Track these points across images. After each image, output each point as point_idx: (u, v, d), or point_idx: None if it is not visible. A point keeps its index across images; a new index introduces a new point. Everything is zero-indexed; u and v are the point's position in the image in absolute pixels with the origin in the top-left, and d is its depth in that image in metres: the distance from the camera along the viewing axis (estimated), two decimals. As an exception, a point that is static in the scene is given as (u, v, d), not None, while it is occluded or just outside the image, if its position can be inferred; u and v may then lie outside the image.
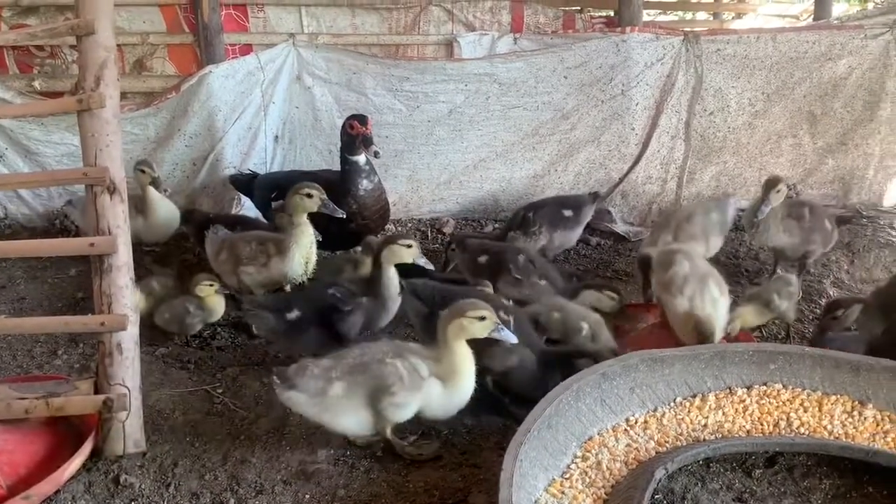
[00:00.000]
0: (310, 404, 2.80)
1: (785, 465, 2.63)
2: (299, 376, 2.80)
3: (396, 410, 2.77)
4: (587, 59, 5.15)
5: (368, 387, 2.77)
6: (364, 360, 2.83)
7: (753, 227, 4.10)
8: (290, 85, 5.25)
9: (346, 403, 2.78)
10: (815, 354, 2.87)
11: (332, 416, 2.80)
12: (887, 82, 5.28)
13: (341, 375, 2.79)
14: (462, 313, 2.76)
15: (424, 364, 2.81)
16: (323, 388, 2.77)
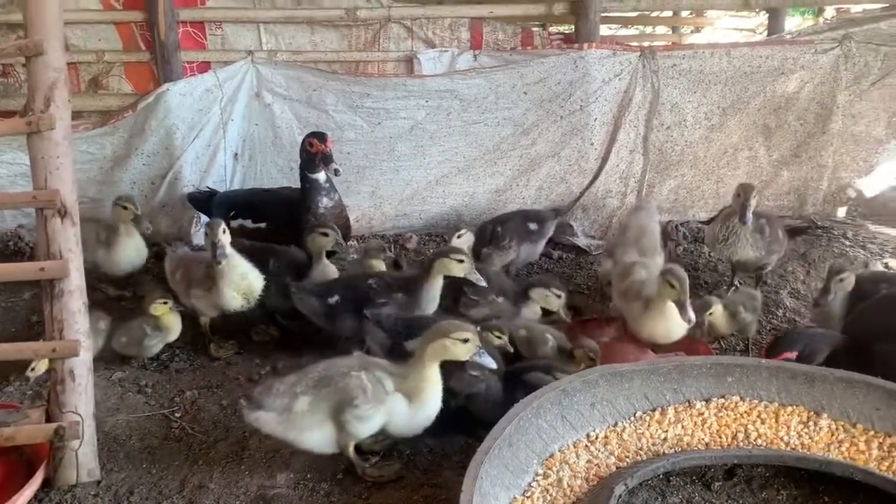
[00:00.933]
0: (277, 423, 2.77)
1: (743, 476, 2.66)
2: (265, 396, 2.78)
3: (360, 424, 2.75)
4: (546, 75, 5.19)
5: (332, 400, 2.75)
6: (329, 374, 2.81)
7: (720, 240, 4.14)
8: (249, 102, 5.22)
9: (310, 418, 2.75)
10: (772, 366, 2.91)
11: (297, 433, 2.78)
12: (838, 96, 5.41)
13: (306, 390, 2.77)
14: (446, 334, 2.77)
15: (390, 379, 2.80)
16: (288, 404, 2.75)
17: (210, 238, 3.62)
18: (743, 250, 4.13)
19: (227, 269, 3.65)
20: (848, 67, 5.36)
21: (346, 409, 2.72)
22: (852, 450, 2.66)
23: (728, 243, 4.13)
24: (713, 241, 4.20)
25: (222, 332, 4.12)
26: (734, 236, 4.11)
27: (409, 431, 2.85)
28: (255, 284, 3.78)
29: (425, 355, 2.79)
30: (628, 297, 3.61)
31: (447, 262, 3.49)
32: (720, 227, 4.17)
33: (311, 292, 3.66)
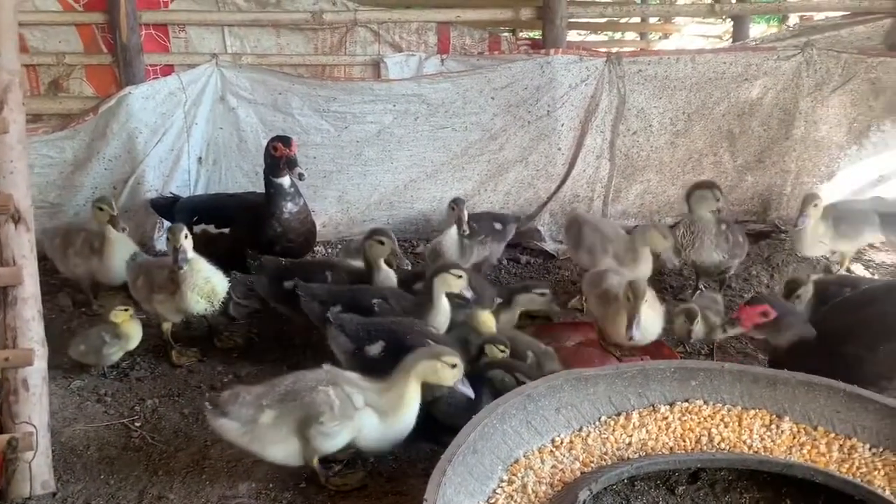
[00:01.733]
0: (240, 433, 2.72)
1: (707, 480, 2.67)
2: (231, 404, 2.73)
3: (325, 440, 2.71)
4: (513, 80, 5.20)
5: (298, 415, 2.70)
6: (296, 388, 2.76)
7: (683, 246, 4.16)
8: (213, 106, 5.16)
9: (275, 432, 2.71)
10: (735, 370, 2.93)
11: (261, 446, 2.73)
12: (800, 102, 5.48)
13: (272, 403, 2.73)
14: (438, 356, 2.78)
15: (361, 394, 2.76)
16: (253, 416, 2.71)
17: (171, 243, 3.58)
18: (711, 254, 4.16)
19: (190, 272, 3.61)
20: (810, 74, 5.43)
21: (311, 424, 2.69)
22: (813, 452, 2.68)
23: (694, 248, 4.16)
24: (679, 246, 4.23)
25: (185, 338, 4.07)
26: (698, 241, 4.14)
27: (380, 446, 2.83)
28: (219, 288, 3.74)
29: (412, 374, 2.77)
30: (602, 303, 3.61)
31: (447, 277, 3.42)
32: (683, 231, 4.20)
33: (317, 297, 3.56)
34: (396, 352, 2.94)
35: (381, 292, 3.56)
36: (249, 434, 2.71)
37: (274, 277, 3.84)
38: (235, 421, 2.71)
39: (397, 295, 3.59)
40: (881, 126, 5.58)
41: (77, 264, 4.26)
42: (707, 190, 4.17)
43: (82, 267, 4.24)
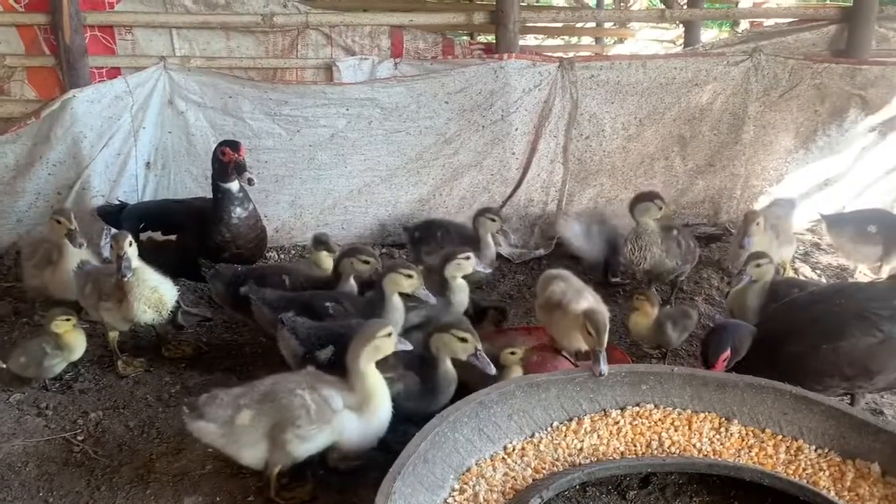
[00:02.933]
0: (217, 434, 2.67)
1: (658, 485, 2.68)
2: (208, 405, 2.67)
3: (301, 444, 2.67)
4: (467, 84, 5.19)
5: (274, 417, 2.66)
6: (275, 390, 2.71)
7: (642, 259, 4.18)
8: (161, 109, 5.04)
9: (252, 433, 2.65)
10: (684, 374, 2.94)
11: (238, 448, 2.68)
12: (749, 106, 5.57)
13: (250, 404, 2.68)
14: (373, 335, 2.77)
15: (339, 396, 2.72)
16: (231, 416, 2.65)
17: (115, 251, 3.50)
18: (660, 262, 4.18)
19: (136, 281, 3.53)
20: (758, 79, 5.52)
21: (287, 428, 2.64)
22: (761, 454, 2.70)
23: (645, 263, 4.17)
24: (629, 259, 4.23)
25: (132, 348, 3.97)
26: (648, 253, 4.15)
27: (366, 445, 2.79)
28: (167, 297, 3.66)
29: (360, 362, 2.74)
30: (546, 311, 3.59)
31: (395, 276, 3.37)
32: (630, 247, 4.18)
33: (269, 303, 3.48)
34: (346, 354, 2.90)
35: (335, 296, 3.51)
36: (226, 435, 2.66)
37: (230, 283, 3.76)
38: (212, 422, 2.66)
39: (351, 298, 3.54)
40: (827, 130, 5.71)
41: (33, 275, 4.11)
42: (648, 201, 4.15)
43: (38, 279, 4.09)
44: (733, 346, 3.08)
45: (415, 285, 3.38)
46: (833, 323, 3.01)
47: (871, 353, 2.97)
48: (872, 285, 3.24)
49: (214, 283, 3.82)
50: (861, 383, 3.05)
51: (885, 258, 4.54)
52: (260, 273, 3.83)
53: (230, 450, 2.69)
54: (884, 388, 3.19)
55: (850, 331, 2.98)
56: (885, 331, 2.96)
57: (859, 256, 4.73)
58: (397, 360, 2.93)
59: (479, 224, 4.47)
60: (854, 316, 3.00)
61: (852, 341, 2.97)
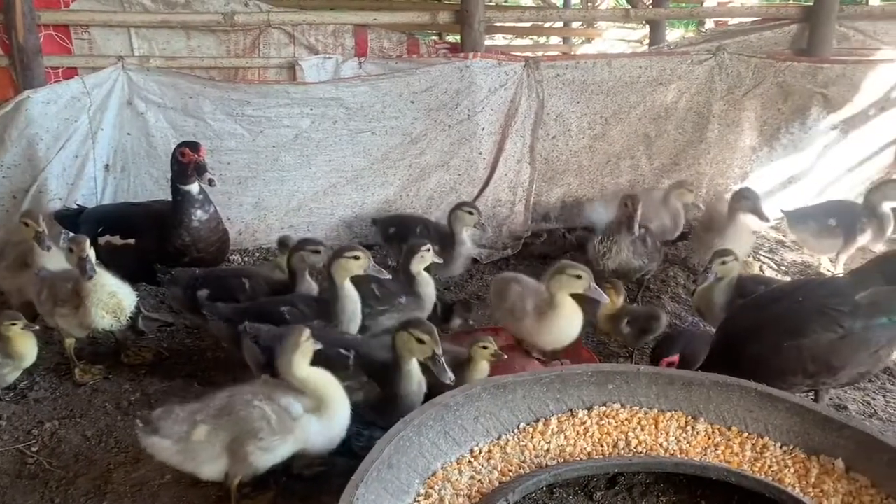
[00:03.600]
0: (173, 451, 2.58)
1: (625, 485, 2.66)
2: (163, 420, 2.57)
3: (264, 455, 2.60)
4: (433, 84, 5.15)
5: (233, 431, 2.58)
6: (231, 403, 2.63)
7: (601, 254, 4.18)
8: (120, 110, 4.93)
9: (209, 449, 2.57)
10: (650, 373, 2.92)
11: (196, 464, 2.59)
12: (713, 105, 5.61)
13: (206, 419, 2.59)
14: (296, 341, 2.68)
15: (297, 402, 2.66)
16: (186, 432, 2.56)
17: (76, 254, 3.39)
18: (629, 260, 4.18)
19: (95, 286, 3.44)
20: (722, 78, 5.56)
21: (248, 441, 2.57)
22: (727, 452, 2.69)
23: (612, 254, 4.17)
24: (595, 255, 4.24)
25: (90, 355, 3.88)
26: (616, 247, 4.16)
27: (331, 445, 2.73)
28: (126, 302, 3.57)
29: (295, 371, 2.67)
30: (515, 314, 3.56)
31: (343, 262, 3.31)
32: (601, 238, 4.21)
33: (222, 314, 3.42)
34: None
35: (291, 300, 3.45)
36: (182, 452, 2.57)
37: (188, 287, 3.68)
38: (167, 438, 2.57)
39: (306, 299, 3.48)
40: (790, 128, 5.77)
41: (4, 277, 3.99)
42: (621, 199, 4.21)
43: (9, 281, 3.96)
44: (684, 353, 3.07)
45: (364, 265, 3.32)
46: (794, 320, 3.02)
47: (833, 350, 2.98)
48: (832, 281, 3.27)
49: (172, 289, 3.74)
50: (824, 380, 3.07)
51: (843, 249, 4.60)
52: (218, 276, 3.75)
53: (188, 466, 2.61)
54: (847, 384, 3.21)
55: (812, 328, 2.99)
56: (845, 326, 2.97)
57: (822, 249, 4.79)
58: (358, 369, 2.86)
59: (455, 219, 4.35)
60: (815, 313, 3.01)
61: (814, 338, 2.98)
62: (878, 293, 3.05)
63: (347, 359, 2.86)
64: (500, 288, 3.65)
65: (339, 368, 2.82)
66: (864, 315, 2.99)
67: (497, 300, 3.67)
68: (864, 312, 2.99)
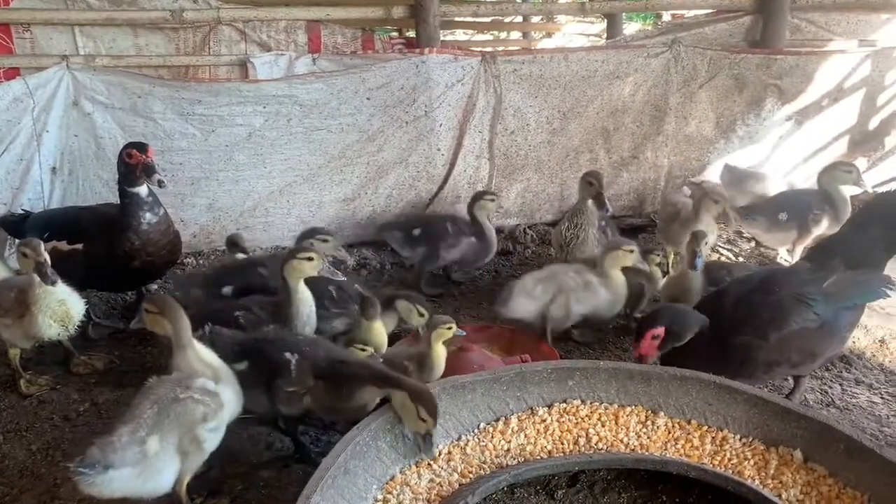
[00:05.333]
0: (134, 477, 2.38)
1: (586, 482, 2.63)
2: (111, 452, 2.36)
3: (215, 435, 2.55)
4: (388, 80, 5.08)
5: (179, 429, 2.47)
6: (161, 407, 2.50)
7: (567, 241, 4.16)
8: (66, 111, 4.77)
9: (165, 455, 2.45)
10: (609, 367, 2.90)
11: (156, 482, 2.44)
12: (670, 98, 5.62)
13: (151, 430, 2.44)
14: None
15: (207, 378, 2.62)
16: (140, 451, 2.39)
17: (32, 258, 3.24)
18: (589, 249, 4.16)
19: (42, 294, 3.30)
20: (678, 70, 5.58)
21: (197, 429, 2.49)
22: (687, 446, 2.68)
23: (578, 242, 4.14)
24: (560, 243, 4.22)
25: (36, 365, 3.74)
26: (583, 233, 4.13)
27: (241, 406, 2.71)
28: (74, 310, 3.43)
29: (180, 338, 2.65)
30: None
31: (295, 263, 3.23)
32: (567, 225, 4.18)
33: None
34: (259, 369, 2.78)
35: (245, 304, 3.36)
36: (143, 474, 2.40)
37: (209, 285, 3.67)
38: (125, 466, 2.36)
39: (262, 303, 3.39)
40: (746, 120, 5.81)
41: None
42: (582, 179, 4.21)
43: None
44: (670, 327, 3.03)
45: (317, 266, 3.24)
46: (775, 312, 3.03)
47: (813, 338, 3.02)
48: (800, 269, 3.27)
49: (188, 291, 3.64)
50: (805, 367, 3.13)
51: (798, 240, 4.63)
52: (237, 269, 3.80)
53: (148, 487, 2.43)
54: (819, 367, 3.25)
55: (793, 318, 3.01)
56: (820, 314, 3.01)
57: (776, 243, 4.83)
58: (304, 371, 2.78)
59: (478, 208, 4.52)
60: (794, 303, 3.03)
61: (796, 328, 3.00)
62: (842, 279, 3.09)
63: (289, 363, 2.77)
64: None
65: (282, 373, 2.75)
66: (834, 301, 3.04)
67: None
68: (833, 299, 3.04)
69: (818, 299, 3.02)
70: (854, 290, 3.08)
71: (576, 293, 3.73)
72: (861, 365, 3.70)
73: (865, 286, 3.10)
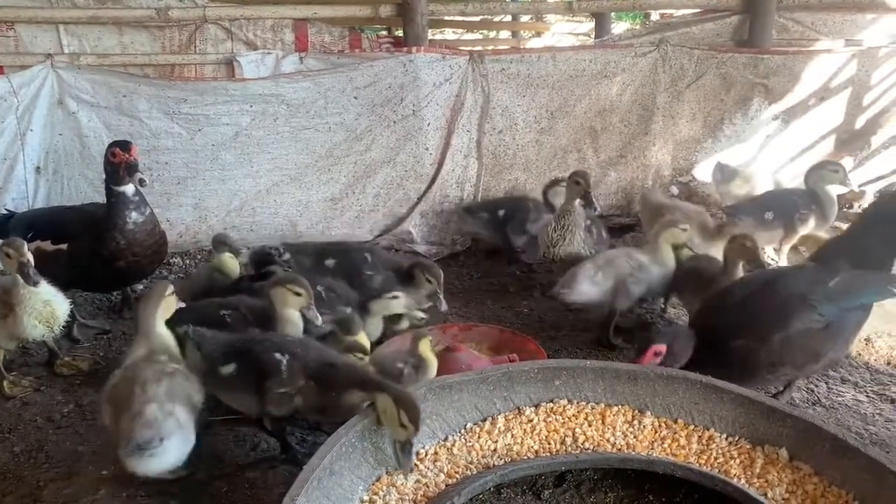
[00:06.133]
0: (181, 443, 2.60)
1: (573, 482, 2.62)
2: (159, 427, 2.55)
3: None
4: (376, 79, 5.06)
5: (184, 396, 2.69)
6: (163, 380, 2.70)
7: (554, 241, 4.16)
8: (50, 110, 4.74)
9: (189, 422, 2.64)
10: (596, 367, 2.90)
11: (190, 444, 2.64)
12: (657, 97, 5.63)
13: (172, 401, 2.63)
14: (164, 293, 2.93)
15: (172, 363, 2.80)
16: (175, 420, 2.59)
17: (15, 259, 3.23)
18: (576, 248, 4.16)
19: (26, 294, 3.28)
20: (665, 70, 5.59)
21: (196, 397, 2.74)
22: (674, 445, 2.68)
23: (564, 244, 4.14)
24: (546, 244, 4.21)
25: (20, 366, 3.71)
26: (570, 234, 4.13)
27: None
28: (59, 311, 3.41)
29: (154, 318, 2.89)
30: None
31: (283, 291, 3.18)
32: (554, 226, 4.18)
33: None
34: (247, 371, 2.75)
35: (232, 303, 3.33)
36: (185, 438, 2.62)
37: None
38: (174, 435, 2.57)
39: (250, 304, 3.36)
40: (733, 119, 5.83)
41: None
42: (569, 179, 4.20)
43: None
44: (672, 347, 3.03)
45: (302, 304, 3.18)
46: (779, 312, 3.02)
47: (818, 339, 3.01)
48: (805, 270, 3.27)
49: (299, 260, 3.88)
50: (809, 368, 3.12)
51: (785, 239, 4.65)
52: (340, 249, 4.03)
53: (187, 449, 2.63)
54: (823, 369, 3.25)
55: (797, 318, 3.00)
56: (824, 315, 2.99)
57: (762, 241, 4.83)
58: (295, 371, 2.76)
59: (554, 194, 4.80)
60: (798, 303, 3.02)
61: (799, 328, 2.99)
62: (849, 279, 3.08)
63: (280, 364, 2.75)
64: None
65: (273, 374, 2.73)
66: (839, 301, 3.02)
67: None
68: (838, 299, 3.02)
69: (823, 299, 3.01)
70: (860, 290, 3.06)
71: (632, 276, 3.86)
72: (847, 363, 3.71)
73: (872, 285, 3.09)
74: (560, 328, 4.14)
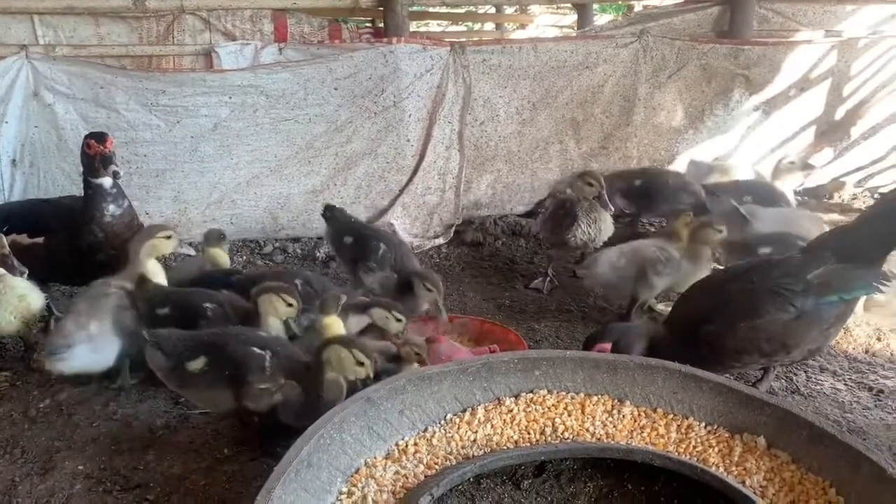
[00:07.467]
0: (88, 352, 3.07)
1: (552, 472, 2.62)
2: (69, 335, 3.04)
3: None
4: (356, 70, 5.03)
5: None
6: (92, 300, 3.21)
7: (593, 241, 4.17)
8: (25, 102, 4.68)
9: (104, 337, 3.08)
10: (576, 357, 2.90)
11: (104, 354, 3.11)
12: (639, 88, 5.64)
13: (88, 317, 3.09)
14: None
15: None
16: (87, 333, 3.07)
17: None
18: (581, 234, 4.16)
19: (2, 289, 3.26)
20: (647, 61, 5.59)
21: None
22: (653, 435, 2.68)
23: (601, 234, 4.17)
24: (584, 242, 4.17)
25: (-4, 362, 3.67)
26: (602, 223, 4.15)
27: None
28: (35, 305, 3.39)
29: (139, 253, 3.33)
30: None
31: (274, 300, 3.15)
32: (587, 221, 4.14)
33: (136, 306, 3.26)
34: (221, 364, 2.73)
35: (216, 297, 3.30)
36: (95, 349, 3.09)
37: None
38: (82, 344, 3.06)
39: (234, 304, 3.33)
40: (714, 110, 5.85)
41: None
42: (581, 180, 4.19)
43: None
44: (618, 344, 3.07)
45: (290, 314, 3.17)
46: (748, 301, 3.03)
47: (787, 329, 3.01)
48: (785, 261, 3.28)
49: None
50: (778, 357, 3.12)
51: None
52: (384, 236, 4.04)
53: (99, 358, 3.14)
54: (800, 359, 3.25)
55: (766, 308, 3.00)
56: (797, 306, 2.99)
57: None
58: (277, 369, 2.74)
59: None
60: (768, 293, 3.02)
61: (768, 318, 3.00)
62: (830, 272, 3.07)
63: (263, 359, 2.73)
64: None
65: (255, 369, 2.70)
66: (816, 294, 3.01)
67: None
68: (815, 291, 3.01)
69: (797, 290, 3.01)
70: (841, 284, 3.04)
71: (659, 267, 3.82)
72: (825, 352, 3.74)
73: (855, 280, 3.07)
74: (542, 319, 4.14)
